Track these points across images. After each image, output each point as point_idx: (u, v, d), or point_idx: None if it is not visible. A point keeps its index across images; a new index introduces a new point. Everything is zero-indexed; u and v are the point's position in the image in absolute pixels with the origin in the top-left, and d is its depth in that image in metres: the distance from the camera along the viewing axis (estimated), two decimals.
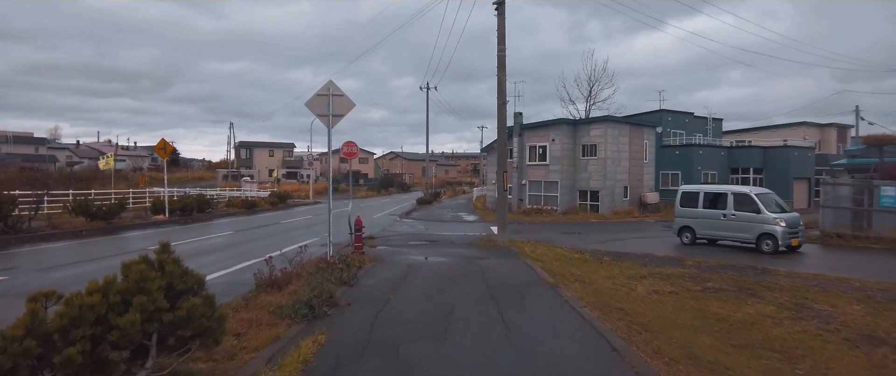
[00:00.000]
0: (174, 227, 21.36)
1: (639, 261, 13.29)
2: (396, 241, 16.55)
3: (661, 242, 18.06)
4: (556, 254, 13.97)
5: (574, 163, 31.57)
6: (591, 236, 20.04)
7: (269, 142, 72.59)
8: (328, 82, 11.18)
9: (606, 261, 13.34)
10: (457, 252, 13.47)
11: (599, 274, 11.41)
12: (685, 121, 39.90)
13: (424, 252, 13.48)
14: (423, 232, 20.72)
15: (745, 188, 16.66)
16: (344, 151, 12.34)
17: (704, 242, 17.18)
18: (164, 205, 23.97)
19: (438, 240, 17.09)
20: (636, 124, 33.01)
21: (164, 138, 23.79)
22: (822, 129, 44.71)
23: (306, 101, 11.23)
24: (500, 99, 16.02)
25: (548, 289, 8.25)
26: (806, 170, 38.68)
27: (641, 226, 24.44)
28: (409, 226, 23.26)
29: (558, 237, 19.55)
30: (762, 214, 15.37)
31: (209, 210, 27.20)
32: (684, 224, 17.26)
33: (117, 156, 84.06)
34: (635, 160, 32.67)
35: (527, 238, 17.82)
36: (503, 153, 16.34)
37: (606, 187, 30.34)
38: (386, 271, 10.14)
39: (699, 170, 36.34)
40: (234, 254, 13.74)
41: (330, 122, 11.05)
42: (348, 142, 12.37)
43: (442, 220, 27.21)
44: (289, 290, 7.84)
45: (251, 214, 29.71)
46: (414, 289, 8.28)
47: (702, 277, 11.06)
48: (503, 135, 16.23)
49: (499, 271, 10.15)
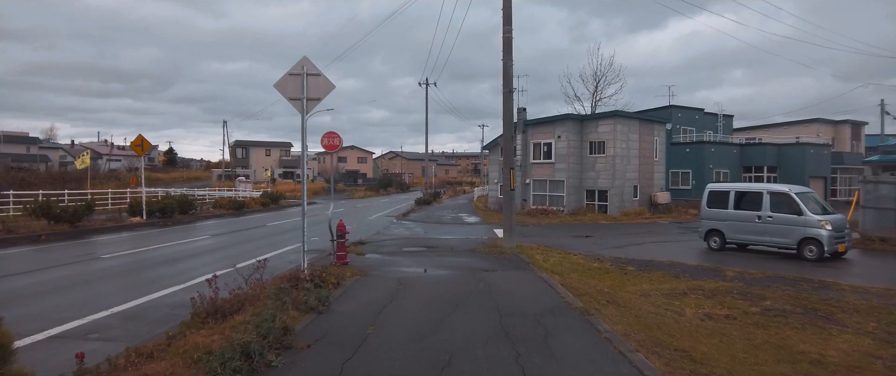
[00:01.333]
0: (149, 231, 19.35)
1: (670, 272, 11.27)
2: (389, 247, 14.53)
3: (685, 247, 16.04)
4: (572, 264, 11.95)
5: (581, 161, 29.55)
6: (604, 240, 18.02)
7: (266, 141, 70.55)
8: (302, 59, 9.17)
9: (632, 272, 11.32)
10: (458, 262, 11.44)
11: (629, 289, 9.39)
12: (695, 117, 37.86)
13: (420, 262, 11.46)
14: (421, 235, 18.70)
15: (783, 186, 14.63)
16: (324, 144, 10.33)
17: (734, 247, 15.18)
18: (141, 207, 21.97)
19: (437, 245, 15.07)
20: (646, 120, 30.98)
21: (141, 134, 21.78)
22: (836, 127, 42.64)
23: (276, 82, 9.22)
24: (506, 86, 14.01)
25: (577, 319, 6.22)
26: (822, 169, 36.65)
27: (656, 229, 22.42)
28: (405, 229, 21.25)
29: (569, 241, 17.52)
30: (805, 216, 13.34)
31: (193, 211, 25.19)
32: (712, 227, 15.22)
33: (112, 156, 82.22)
34: (645, 158, 30.65)
35: (535, 243, 15.82)
36: (509, 148, 14.34)
37: (615, 186, 28.33)
38: (370, 290, 8.11)
39: (711, 169, 34.33)
40: (199, 263, 11.73)
41: (304, 107, 9.03)
42: (329, 132, 10.35)
43: (441, 222, 25.19)
44: (235, 322, 5.84)
45: (239, 216, 27.71)
46: (401, 320, 6.26)
47: (753, 294, 9.04)
48: (510, 128, 14.22)
49: (510, 290, 8.12)
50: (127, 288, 8.92)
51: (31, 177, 47.52)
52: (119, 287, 9.16)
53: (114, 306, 7.60)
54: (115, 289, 8.90)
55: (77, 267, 11.28)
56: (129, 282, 9.65)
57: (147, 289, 8.75)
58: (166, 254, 13.27)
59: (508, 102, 14.03)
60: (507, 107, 14.07)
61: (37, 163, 59.71)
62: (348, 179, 69.46)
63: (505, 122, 14.22)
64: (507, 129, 14.21)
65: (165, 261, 12.12)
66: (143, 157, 23.51)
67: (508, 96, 14.01)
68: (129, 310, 7.46)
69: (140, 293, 8.47)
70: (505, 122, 14.22)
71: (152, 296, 8.29)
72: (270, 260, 12.39)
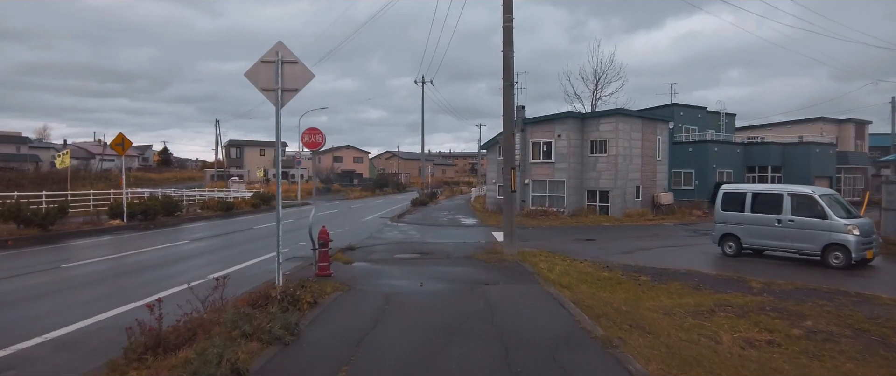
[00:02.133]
0: (127, 235, 18.14)
1: (688, 283, 10.14)
2: (380, 254, 13.36)
3: (698, 253, 14.92)
4: (579, 273, 10.81)
5: (582, 160, 28.43)
6: (609, 244, 16.89)
7: (260, 140, 69.19)
8: (276, 45, 8.00)
9: (647, 283, 10.19)
10: (454, 272, 10.27)
11: (649, 305, 8.25)
12: (697, 116, 36.75)
13: (412, 272, 10.31)
14: (416, 239, 17.54)
15: (805, 188, 13.52)
16: (305, 141, 9.21)
17: (750, 253, 14.07)
18: (121, 209, 20.75)
19: (432, 251, 13.91)
20: (649, 119, 29.87)
21: (122, 133, 20.57)
22: (840, 126, 41.62)
23: (247, 71, 8.05)
24: (507, 79, 12.86)
25: (600, 353, 5.07)
26: (827, 169, 35.62)
27: (661, 231, 21.30)
28: (399, 232, 20.09)
29: (571, 246, 16.39)
30: (830, 220, 12.23)
31: (178, 213, 23.96)
32: (727, 231, 14.10)
33: (105, 156, 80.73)
34: (648, 157, 29.54)
35: (536, 248, 14.69)
36: (510, 146, 13.18)
37: (618, 187, 27.21)
38: (351, 311, 6.95)
39: (714, 169, 33.26)
40: (170, 273, 10.55)
41: (279, 99, 7.87)
42: (310, 129, 9.27)
43: (438, 224, 24.03)
44: (179, 359, 4.69)
45: (228, 217, 26.51)
46: (383, 356, 5.09)
47: (789, 311, 7.92)
48: (511, 124, 13.06)
49: (516, 310, 6.96)
50: (75, 306, 7.74)
51: (18, 177, 46.22)
52: (67, 304, 7.98)
53: (51, 330, 6.42)
54: (62, 307, 7.72)
55: (30, 278, 10.08)
56: (81, 297, 8.47)
57: (98, 307, 7.57)
58: (136, 262, 12.08)
59: (509, 97, 12.88)
60: (508, 102, 12.92)
61: (27, 163, 58.31)
62: (344, 179, 68.22)
63: (505, 118, 13.07)
64: (508, 126, 13.06)
65: (132, 271, 10.93)
66: (124, 157, 22.30)
67: (509, 90, 12.86)
68: (66, 337, 6.29)
69: (89, 312, 7.29)
70: (505, 118, 13.07)
71: (101, 317, 7.11)
72: (247, 269, 11.25)
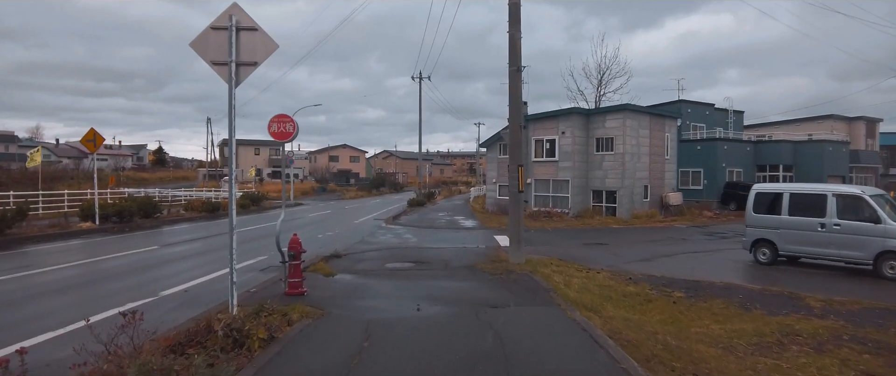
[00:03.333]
0: (95, 239, 16.40)
1: (732, 300, 8.45)
2: (369, 263, 11.64)
3: (726, 260, 13.24)
4: (600, 288, 9.12)
5: (587, 159, 26.74)
6: (623, 249, 15.21)
7: (255, 139, 67.34)
8: (230, 7, 6.29)
9: (683, 301, 8.50)
10: (453, 289, 8.55)
11: (695, 332, 6.55)
12: (705, 113, 35.11)
13: (403, 289, 8.59)
14: (410, 245, 15.84)
15: (852, 188, 11.86)
16: (272, 130, 7.48)
17: (784, 260, 12.39)
18: (93, 210, 19.02)
19: (428, 259, 12.21)
20: (657, 115, 28.16)
21: (94, 128, 18.83)
22: (850, 123, 39.99)
23: (193, 40, 6.34)
24: (513, 63, 11.15)
25: None
26: (840, 168, 33.99)
27: (675, 234, 19.62)
28: (393, 236, 18.38)
29: (582, 251, 14.72)
30: (884, 225, 10.54)
31: (158, 215, 22.22)
32: (760, 236, 12.40)
33: (98, 156, 78.84)
34: (656, 155, 27.85)
35: (544, 253, 13.01)
36: (517, 140, 11.46)
37: (625, 186, 25.54)
38: (318, 351, 5.21)
39: (723, 167, 31.63)
40: (119, 288, 8.82)
41: (233, 75, 6.17)
42: (279, 115, 7.50)
43: (435, 227, 22.32)
44: None
45: (213, 219, 24.74)
46: None
47: (874, 341, 6.24)
48: (518, 114, 11.35)
49: (536, 349, 5.22)
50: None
51: (2, 176, 44.37)
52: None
53: None
54: None
55: None
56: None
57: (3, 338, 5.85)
58: (79, 275, 10.33)
59: (515, 83, 11.17)
60: (514, 90, 11.20)
61: (15, 162, 56.41)
62: (340, 179, 66.46)
63: (511, 108, 11.35)
64: (514, 116, 11.34)
65: (67, 287, 9.18)
66: (95, 154, 20.60)
67: (515, 76, 11.15)
68: None
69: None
70: (511, 108, 11.35)
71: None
72: (213, 282, 9.27)
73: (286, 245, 7.64)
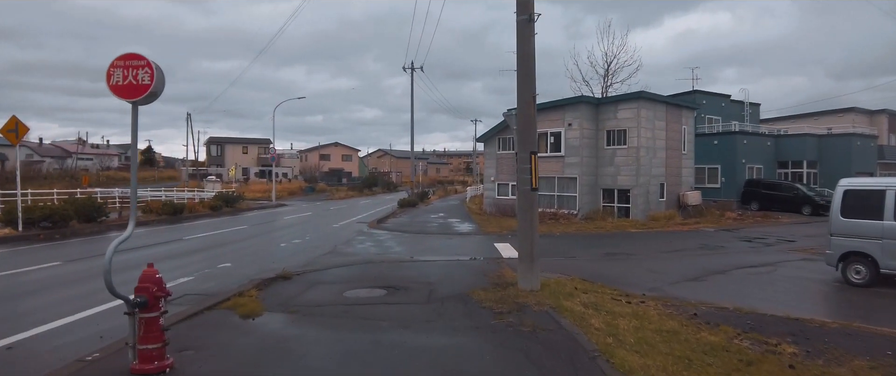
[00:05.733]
0: (4, 250, 13.06)
1: (878, 360, 5.16)
2: (323, 290, 8.30)
3: (798, 278, 9.96)
4: (663, 336, 5.80)
5: (596, 153, 23.47)
6: (658, 263, 11.92)
7: (242, 137, 63.92)
8: None
9: (802, 363, 5.17)
10: (432, 351, 5.25)
11: None
12: (721, 105, 31.90)
13: (349, 353, 5.27)
14: (390, 257, 12.52)
15: None
16: (114, 84, 4.22)
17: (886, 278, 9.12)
18: (16, 214, 15.67)
19: (407, 283, 8.88)
20: (674, 105, 24.86)
21: (15, 116, 15.49)
22: (872, 117, 36.83)
23: None
24: (522, 11, 7.82)
25: None
26: (868, 164, 30.82)
27: (708, 240, 16.36)
28: (373, 244, 15.08)
29: (607, 266, 11.44)
30: None
31: (102, 219, 18.83)
32: (853, 248, 9.11)
33: (82, 155, 75.20)
34: (672, 150, 24.58)
35: (561, 270, 9.79)
36: (530, 117, 8.10)
37: (640, 185, 22.27)
38: None
39: (743, 164, 28.43)
40: None
41: None
42: (126, 57, 4.24)
43: (425, 232, 19.01)
44: None
45: (173, 223, 21.38)
46: None
47: None
48: (530, 81, 7.99)
49: None
50: None
51: None
52: None
53: None
54: None
55: None
56: None
57: None
58: None
59: (526, 37, 7.83)
60: (525, 47, 7.87)
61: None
62: (331, 178, 63.03)
63: (520, 73, 8.00)
64: (525, 85, 7.99)
65: None
66: (18, 147, 17.27)
67: (526, 27, 7.83)
68: None
69: None
70: (520, 73, 8.00)
71: None
72: (60, 332, 4.91)
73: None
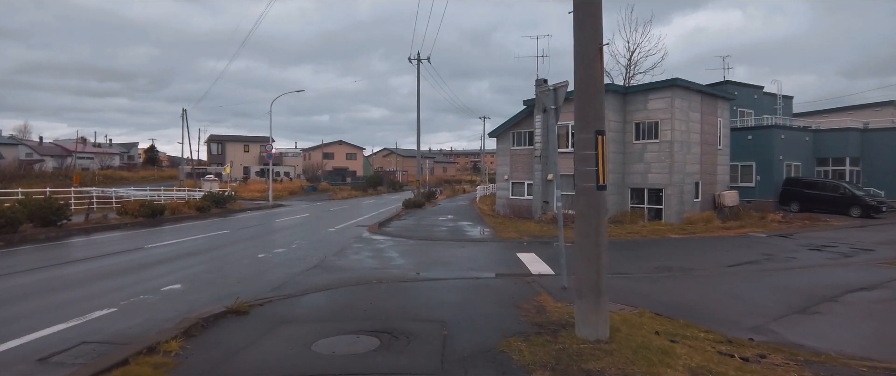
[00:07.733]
0: None
1: None
2: (295, 328, 5.65)
3: None
4: None
5: (623, 149, 20.78)
6: (730, 283, 9.20)
7: (243, 135, 61.49)
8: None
9: None
10: None
11: None
12: (754, 97, 29.08)
13: None
14: (390, 274, 9.87)
15: None
16: None
17: None
18: None
19: (409, 325, 6.24)
20: (709, 94, 22.08)
21: None
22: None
23: None
24: None
25: None
26: None
27: (771, 249, 13.62)
28: (370, 254, 12.44)
29: (668, 289, 8.74)
30: None
31: (63, 223, 16.29)
32: None
33: (82, 154, 73.02)
34: (708, 145, 21.82)
35: (624, 302, 7.10)
36: (596, 79, 5.38)
37: (674, 183, 19.55)
38: None
39: (780, 161, 25.61)
40: None
41: None
42: None
43: (433, 238, 16.35)
44: None
45: (151, 227, 18.83)
46: None
47: None
48: (597, 25, 5.25)
49: None
50: None
51: None
52: None
53: None
54: None
55: None
56: None
57: None
58: None
59: None
60: None
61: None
62: (335, 177, 60.48)
63: (578, 19, 5.29)
64: (589, 32, 5.27)
65: None
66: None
67: None
68: None
69: None
70: (578, 19, 5.29)
71: None
72: None
73: None
